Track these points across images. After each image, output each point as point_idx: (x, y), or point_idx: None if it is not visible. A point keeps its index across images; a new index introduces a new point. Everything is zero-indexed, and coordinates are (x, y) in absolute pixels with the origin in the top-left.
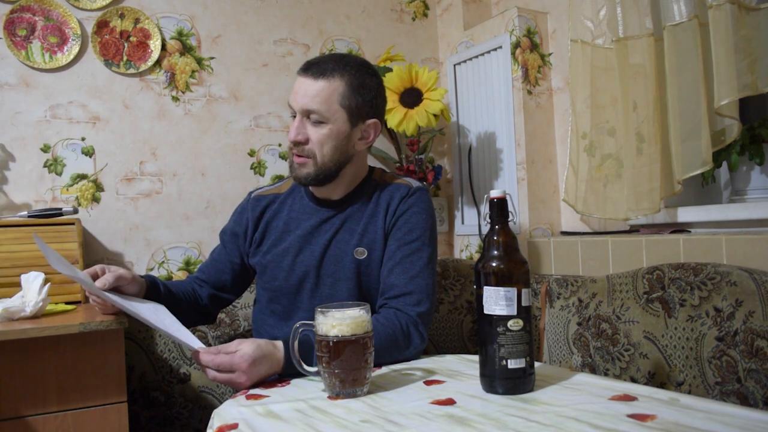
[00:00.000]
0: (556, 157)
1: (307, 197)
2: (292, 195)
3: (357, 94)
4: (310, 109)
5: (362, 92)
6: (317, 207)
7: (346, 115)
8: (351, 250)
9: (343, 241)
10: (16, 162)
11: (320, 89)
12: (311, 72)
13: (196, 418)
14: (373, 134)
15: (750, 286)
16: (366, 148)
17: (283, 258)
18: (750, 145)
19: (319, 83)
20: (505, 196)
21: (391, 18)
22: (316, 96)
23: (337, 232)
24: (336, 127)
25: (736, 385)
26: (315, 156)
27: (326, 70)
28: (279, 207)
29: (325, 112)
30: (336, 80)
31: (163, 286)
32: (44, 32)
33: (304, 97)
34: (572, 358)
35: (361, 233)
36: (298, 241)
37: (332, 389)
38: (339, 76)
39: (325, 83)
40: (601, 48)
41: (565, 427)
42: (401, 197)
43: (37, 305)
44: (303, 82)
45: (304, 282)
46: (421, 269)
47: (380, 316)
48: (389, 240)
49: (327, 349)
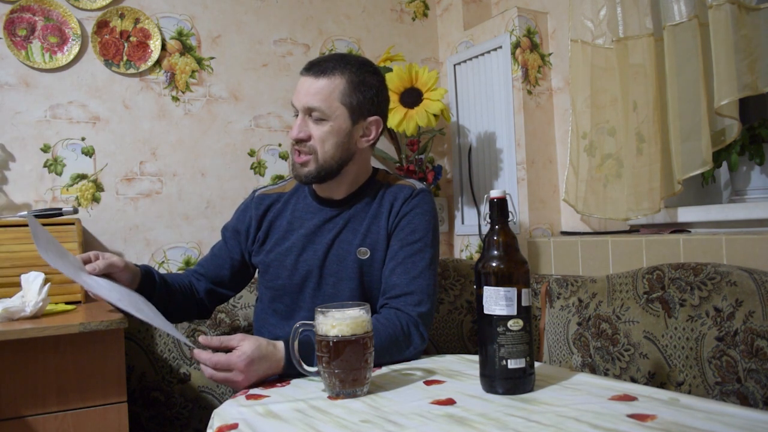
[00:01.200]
0: (556, 157)
1: (310, 197)
2: (296, 194)
3: (358, 92)
4: (312, 106)
5: (363, 90)
6: (320, 206)
7: (347, 112)
8: (354, 250)
9: (346, 241)
10: (16, 162)
11: (321, 87)
12: (313, 71)
13: (196, 418)
14: (374, 132)
15: (750, 286)
16: (369, 147)
17: (286, 257)
18: (750, 145)
19: (321, 81)
20: (505, 196)
21: (391, 18)
22: (317, 94)
23: (340, 231)
24: (337, 124)
25: (736, 385)
26: (316, 153)
27: (327, 68)
28: (283, 206)
29: (326, 109)
30: (337, 78)
31: (159, 276)
32: (44, 32)
33: (305, 95)
34: (572, 358)
35: (364, 233)
36: (302, 240)
37: (332, 389)
38: (340, 74)
39: (327, 81)
40: (601, 48)
41: (565, 427)
42: (405, 198)
43: (37, 305)
44: (305, 81)
45: (307, 281)
46: (422, 270)
47: (381, 316)
48: (392, 240)
49: (327, 349)
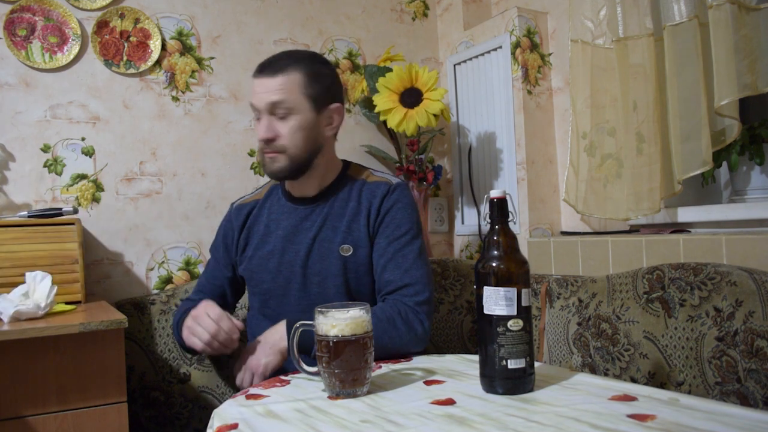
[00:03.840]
0: (556, 157)
1: (284, 197)
2: (269, 198)
3: (315, 82)
4: (276, 101)
5: (319, 79)
6: (294, 206)
7: (310, 103)
8: (336, 248)
9: (328, 239)
10: (16, 162)
11: (281, 83)
12: (267, 71)
13: (196, 418)
14: (337, 119)
15: (750, 286)
16: (333, 135)
17: (269, 261)
18: (750, 145)
19: (278, 78)
20: (505, 196)
21: (391, 18)
22: (279, 89)
23: (320, 230)
24: (303, 116)
25: (736, 385)
26: (286, 149)
27: (281, 66)
28: (258, 212)
29: (291, 102)
30: (293, 73)
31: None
32: (44, 32)
33: (266, 93)
34: (572, 358)
35: (345, 231)
36: (281, 242)
37: (332, 389)
38: (294, 68)
39: (284, 77)
40: (601, 48)
41: (565, 427)
42: (383, 195)
43: (47, 307)
44: (261, 82)
45: (291, 282)
46: (414, 261)
47: (378, 304)
48: (378, 238)
49: (327, 349)
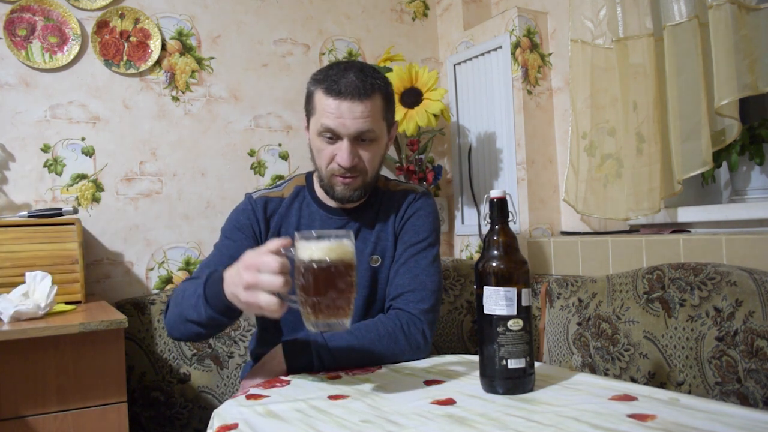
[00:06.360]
0: (556, 157)
1: (315, 204)
2: (297, 200)
3: (390, 104)
4: (366, 129)
5: (392, 100)
6: (328, 215)
7: (386, 126)
8: (366, 259)
9: (358, 250)
10: (16, 162)
11: (369, 110)
12: (353, 95)
13: (196, 418)
14: (393, 136)
15: (750, 286)
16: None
17: None
18: (750, 145)
19: (366, 104)
20: (505, 196)
21: (391, 18)
22: (369, 117)
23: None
24: (383, 141)
25: (736, 385)
26: (366, 173)
27: (365, 90)
28: (286, 212)
29: (378, 130)
30: (376, 98)
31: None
32: (44, 32)
33: (354, 120)
34: (572, 358)
35: (375, 241)
36: None
37: (311, 322)
38: (377, 92)
39: (371, 103)
40: (601, 48)
41: (565, 427)
42: (409, 203)
43: (47, 307)
44: (348, 105)
45: None
46: (425, 267)
47: (381, 315)
48: (397, 244)
49: (306, 276)
